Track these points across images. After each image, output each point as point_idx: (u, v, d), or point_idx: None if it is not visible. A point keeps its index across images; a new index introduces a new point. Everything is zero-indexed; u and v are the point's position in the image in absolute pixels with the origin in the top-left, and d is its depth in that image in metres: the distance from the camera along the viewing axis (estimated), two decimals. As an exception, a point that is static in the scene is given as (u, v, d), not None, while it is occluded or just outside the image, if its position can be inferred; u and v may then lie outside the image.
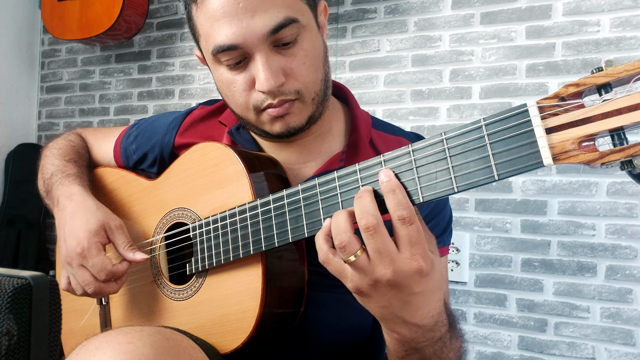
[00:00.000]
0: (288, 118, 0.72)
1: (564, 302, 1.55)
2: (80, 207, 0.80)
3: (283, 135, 0.74)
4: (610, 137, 0.44)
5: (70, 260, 0.78)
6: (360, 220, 0.52)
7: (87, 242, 0.76)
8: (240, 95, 0.72)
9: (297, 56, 0.69)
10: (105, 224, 0.78)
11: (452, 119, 1.70)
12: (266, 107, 0.71)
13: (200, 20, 0.70)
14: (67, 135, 1.03)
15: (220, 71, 0.73)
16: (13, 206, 2.30)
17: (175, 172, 0.82)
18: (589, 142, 0.45)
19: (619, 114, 0.42)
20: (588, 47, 1.54)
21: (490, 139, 0.48)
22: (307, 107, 0.73)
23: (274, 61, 0.68)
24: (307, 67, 0.70)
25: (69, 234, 0.78)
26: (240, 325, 0.69)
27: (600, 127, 0.43)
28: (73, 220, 0.79)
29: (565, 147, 0.45)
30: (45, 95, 2.48)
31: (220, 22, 0.66)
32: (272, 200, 0.65)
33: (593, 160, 0.44)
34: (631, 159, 0.42)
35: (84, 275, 0.77)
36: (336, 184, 0.59)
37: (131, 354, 0.53)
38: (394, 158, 0.55)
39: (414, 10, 1.77)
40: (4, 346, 0.72)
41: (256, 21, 0.65)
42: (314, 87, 0.72)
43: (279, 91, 0.69)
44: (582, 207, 1.54)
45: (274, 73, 0.67)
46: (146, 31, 2.24)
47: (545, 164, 0.45)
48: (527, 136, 0.46)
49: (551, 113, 0.46)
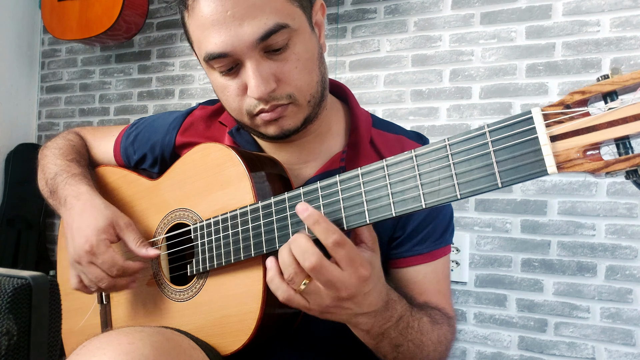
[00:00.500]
0: (282, 121, 0.72)
1: (564, 302, 1.55)
2: (88, 206, 0.80)
3: (278, 137, 0.74)
4: (616, 145, 0.43)
5: (79, 258, 0.78)
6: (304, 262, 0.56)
7: (96, 240, 0.76)
8: (233, 100, 0.72)
9: (289, 61, 0.69)
10: (114, 221, 0.78)
11: (452, 119, 1.70)
12: (258, 112, 0.71)
13: (192, 27, 0.70)
14: (66, 134, 1.02)
15: (214, 76, 0.73)
16: (13, 206, 2.30)
17: (176, 173, 0.82)
18: (594, 151, 0.44)
19: (624, 122, 0.42)
20: (588, 47, 1.54)
21: (494, 146, 0.48)
22: (302, 109, 0.72)
23: (264, 67, 0.67)
24: (299, 70, 0.69)
25: (77, 232, 0.78)
26: (241, 326, 0.69)
27: (605, 135, 0.43)
28: (81, 218, 0.79)
29: (570, 156, 0.44)
30: (45, 95, 2.48)
31: (210, 30, 0.66)
32: (273, 203, 0.65)
33: (598, 170, 0.43)
34: (636, 169, 0.42)
35: (95, 272, 0.77)
36: (338, 188, 0.59)
37: (132, 354, 0.53)
38: (396, 163, 0.54)
39: (414, 10, 1.77)
40: (4, 346, 0.72)
41: (244, 29, 0.65)
42: (309, 90, 0.72)
43: (270, 97, 0.69)
44: (582, 207, 1.54)
45: (264, 80, 0.67)
46: (146, 31, 2.24)
47: (550, 172, 0.45)
48: (532, 144, 0.46)
49: (556, 121, 0.45)
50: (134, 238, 0.78)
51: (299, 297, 0.60)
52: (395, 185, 0.54)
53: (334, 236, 0.56)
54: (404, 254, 0.78)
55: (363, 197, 0.56)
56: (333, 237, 0.56)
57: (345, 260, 0.56)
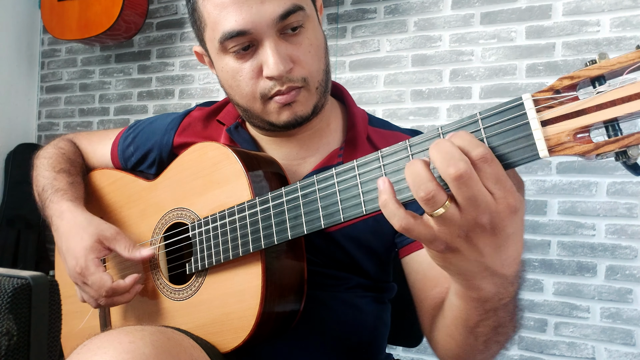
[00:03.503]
0: (295, 107, 0.73)
1: (564, 302, 1.55)
2: (72, 226, 0.80)
3: (289, 125, 0.75)
4: (605, 128, 0.44)
5: (74, 279, 0.79)
6: (448, 168, 0.44)
7: (84, 261, 0.77)
8: (246, 84, 0.72)
9: (302, 44, 0.71)
10: (100, 236, 0.78)
11: (452, 119, 1.70)
12: (274, 94, 0.72)
13: (208, 8, 0.71)
14: (57, 142, 1.01)
15: (225, 61, 0.73)
16: (13, 206, 2.30)
17: (173, 173, 0.82)
18: (584, 134, 0.45)
19: (612, 105, 0.43)
20: (588, 47, 1.54)
21: (486, 133, 0.48)
22: (312, 96, 0.74)
23: (281, 47, 0.69)
24: (312, 55, 0.72)
25: (67, 254, 0.79)
26: (241, 323, 0.69)
27: (594, 118, 0.44)
28: (68, 240, 0.80)
29: (561, 139, 0.45)
30: (45, 95, 2.48)
31: (229, 8, 0.68)
32: (270, 199, 0.65)
33: (588, 152, 0.44)
34: (625, 150, 0.43)
35: (91, 292, 0.78)
36: (334, 180, 0.59)
37: (132, 353, 0.53)
38: (391, 153, 0.54)
39: (414, 10, 1.77)
40: (4, 346, 0.72)
41: (265, 7, 0.67)
42: (317, 76, 0.73)
43: (287, 77, 0.70)
44: (582, 207, 1.54)
45: (282, 58, 0.69)
46: (146, 31, 2.24)
47: (541, 155, 0.46)
48: (523, 129, 0.46)
49: (546, 106, 0.46)
50: (125, 246, 0.78)
51: (422, 222, 0.48)
52: (391, 175, 0.54)
53: (481, 149, 0.45)
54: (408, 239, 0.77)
55: (359, 189, 0.56)
56: (480, 149, 0.45)
57: (494, 179, 0.45)
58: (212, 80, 2.10)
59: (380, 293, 0.83)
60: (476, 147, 0.45)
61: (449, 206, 0.46)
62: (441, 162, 0.45)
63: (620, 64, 0.43)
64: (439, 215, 0.46)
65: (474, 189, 0.45)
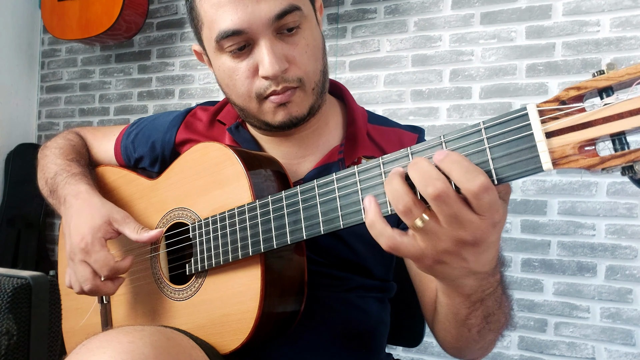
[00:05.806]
0: (290, 107, 0.73)
1: (564, 302, 1.55)
2: (86, 205, 0.80)
3: (285, 126, 0.75)
4: (612, 141, 0.43)
5: (73, 255, 0.78)
6: (427, 188, 0.46)
7: (91, 237, 0.76)
8: (242, 83, 0.72)
9: (299, 45, 0.71)
10: (110, 217, 0.79)
11: (452, 119, 1.71)
12: (269, 94, 0.72)
13: (205, 7, 0.71)
14: (66, 134, 1.02)
15: (222, 60, 0.73)
16: (13, 206, 2.30)
17: (175, 172, 0.82)
18: (590, 147, 0.44)
19: (620, 118, 0.41)
20: (588, 47, 1.54)
21: (489, 143, 0.48)
22: (308, 96, 0.74)
23: (277, 47, 0.69)
24: (308, 56, 0.72)
25: (74, 230, 0.79)
26: (240, 325, 0.69)
27: (601, 131, 0.42)
28: (79, 217, 0.80)
29: (566, 152, 0.44)
30: (45, 95, 2.48)
31: (225, 7, 0.68)
32: (270, 202, 0.65)
33: (593, 166, 0.43)
34: (632, 164, 0.41)
35: (84, 271, 0.77)
36: (334, 185, 0.59)
37: (132, 353, 0.53)
38: (392, 161, 0.54)
39: (414, 10, 1.77)
40: (4, 346, 0.72)
41: (261, 6, 0.67)
42: (314, 77, 0.73)
43: (282, 77, 0.70)
44: (582, 207, 1.54)
45: (277, 58, 0.69)
46: (146, 31, 2.24)
47: (545, 168, 0.44)
48: (527, 140, 0.45)
49: (551, 117, 0.45)
50: (134, 227, 0.78)
51: (408, 241, 0.50)
52: None
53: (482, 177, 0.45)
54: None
55: (360, 195, 0.56)
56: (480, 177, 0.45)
57: (487, 206, 0.46)
58: (212, 80, 2.10)
59: (381, 293, 0.83)
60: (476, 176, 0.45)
61: (426, 219, 0.48)
62: (419, 182, 0.47)
63: (629, 75, 0.41)
64: (419, 227, 0.48)
65: (453, 207, 0.46)
